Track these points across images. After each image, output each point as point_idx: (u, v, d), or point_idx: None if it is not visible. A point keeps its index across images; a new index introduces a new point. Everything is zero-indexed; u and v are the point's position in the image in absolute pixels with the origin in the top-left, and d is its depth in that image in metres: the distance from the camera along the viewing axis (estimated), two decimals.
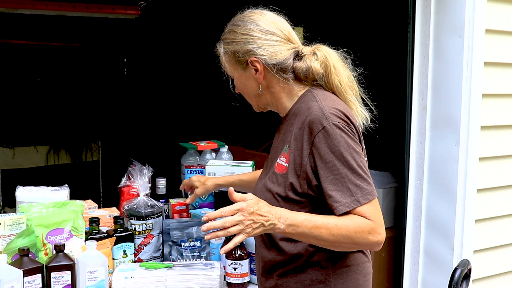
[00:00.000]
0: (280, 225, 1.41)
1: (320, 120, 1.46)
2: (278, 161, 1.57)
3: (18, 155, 5.22)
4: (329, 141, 1.44)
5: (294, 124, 1.55)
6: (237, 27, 1.60)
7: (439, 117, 2.53)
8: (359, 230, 1.42)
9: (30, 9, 4.50)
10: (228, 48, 1.61)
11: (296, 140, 1.52)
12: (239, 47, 1.58)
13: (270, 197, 1.54)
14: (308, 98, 1.57)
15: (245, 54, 1.58)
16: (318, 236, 1.43)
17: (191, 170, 2.42)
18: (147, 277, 1.87)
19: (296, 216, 1.43)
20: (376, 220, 1.43)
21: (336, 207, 1.43)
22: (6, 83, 5.26)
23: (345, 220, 1.42)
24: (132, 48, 5.78)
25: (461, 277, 1.64)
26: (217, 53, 1.67)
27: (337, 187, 1.44)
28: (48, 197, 2.07)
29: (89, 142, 5.65)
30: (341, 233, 1.42)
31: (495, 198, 2.66)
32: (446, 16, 2.46)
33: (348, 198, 1.43)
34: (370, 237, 1.43)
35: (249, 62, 1.58)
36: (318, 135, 1.46)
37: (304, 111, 1.53)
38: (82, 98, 5.65)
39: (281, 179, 1.54)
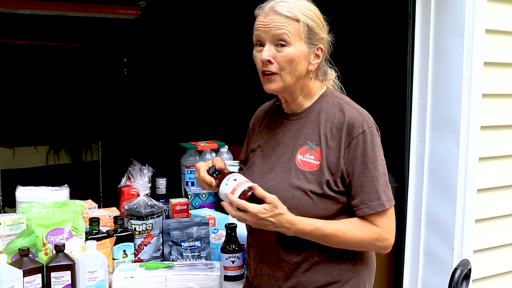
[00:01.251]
0: (288, 232, 1.52)
1: (361, 123, 1.55)
2: (301, 158, 1.58)
3: (18, 155, 5.22)
4: (366, 145, 1.53)
5: (321, 123, 1.59)
6: (317, 12, 1.60)
7: (439, 117, 2.53)
8: (366, 238, 1.54)
9: (30, 9, 4.50)
10: (309, 22, 1.56)
11: (329, 139, 1.57)
12: (319, 30, 1.58)
13: (300, 194, 1.55)
14: (333, 100, 1.62)
15: (319, 39, 1.59)
16: (326, 243, 1.55)
17: (191, 170, 2.42)
18: (147, 277, 1.87)
19: (307, 227, 1.51)
20: (385, 227, 1.55)
21: (362, 208, 1.54)
22: (6, 83, 5.26)
23: (353, 229, 1.54)
24: (132, 48, 5.78)
25: (461, 277, 1.64)
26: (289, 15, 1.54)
27: (366, 189, 1.53)
28: (48, 197, 2.07)
29: (89, 142, 5.65)
30: (348, 240, 1.54)
31: (495, 198, 2.66)
32: (446, 16, 2.46)
33: (375, 202, 1.53)
34: (377, 243, 1.56)
35: (316, 48, 1.58)
36: (357, 138, 1.53)
37: (334, 112, 1.59)
38: (82, 98, 5.65)
39: (311, 177, 1.55)
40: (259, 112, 1.83)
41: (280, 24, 1.54)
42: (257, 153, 1.72)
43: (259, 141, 1.73)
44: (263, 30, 1.56)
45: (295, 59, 1.55)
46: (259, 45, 1.59)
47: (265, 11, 1.57)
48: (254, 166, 1.69)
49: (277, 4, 1.56)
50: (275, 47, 1.55)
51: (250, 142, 1.80)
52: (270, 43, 1.56)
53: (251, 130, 1.83)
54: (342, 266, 1.60)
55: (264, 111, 1.80)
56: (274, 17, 1.54)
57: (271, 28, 1.54)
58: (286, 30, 1.54)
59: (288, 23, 1.54)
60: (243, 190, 1.53)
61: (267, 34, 1.55)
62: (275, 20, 1.54)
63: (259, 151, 1.71)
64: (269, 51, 1.55)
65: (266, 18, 1.56)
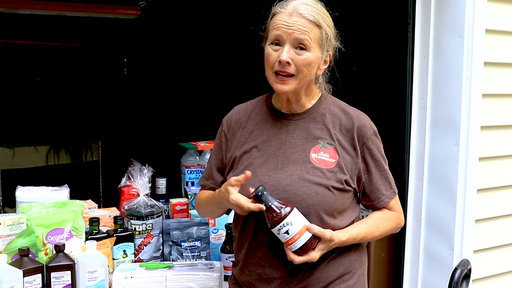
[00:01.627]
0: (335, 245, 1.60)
1: (370, 124, 1.68)
2: (316, 156, 1.62)
3: (18, 155, 5.22)
4: (377, 144, 1.68)
5: (328, 124, 1.66)
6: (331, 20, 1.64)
7: (439, 117, 2.53)
8: (394, 225, 1.73)
9: (30, 9, 4.50)
10: (328, 30, 1.61)
11: (341, 139, 1.64)
12: (332, 38, 1.64)
13: (323, 190, 1.59)
14: (333, 102, 1.71)
15: (331, 46, 1.65)
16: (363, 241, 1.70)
17: (191, 170, 2.42)
18: (147, 277, 1.87)
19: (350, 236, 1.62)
20: (399, 210, 1.76)
21: (383, 199, 1.70)
22: (6, 83, 5.26)
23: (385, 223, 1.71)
24: (132, 48, 5.78)
25: (461, 277, 1.64)
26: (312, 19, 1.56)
27: (383, 181, 1.69)
28: (48, 197, 2.07)
29: (89, 142, 5.65)
30: (380, 235, 1.71)
31: (495, 198, 2.66)
32: (446, 16, 2.46)
33: (389, 190, 1.71)
34: (398, 225, 1.76)
35: (329, 54, 1.65)
36: (370, 138, 1.66)
37: (338, 114, 1.68)
38: (82, 98, 5.65)
39: (330, 174, 1.61)
40: (238, 115, 1.77)
41: (304, 28, 1.55)
42: (253, 154, 1.67)
43: (252, 142, 1.69)
44: (285, 31, 1.55)
45: (312, 63, 1.59)
46: (275, 44, 1.58)
47: (288, 10, 1.57)
48: (253, 166, 1.65)
49: (301, 6, 1.57)
50: (294, 49, 1.56)
51: (230, 147, 1.74)
52: (290, 44, 1.56)
53: (228, 135, 1.76)
54: (352, 257, 1.69)
55: (245, 113, 1.76)
56: (298, 19, 1.55)
57: (295, 30, 1.54)
58: (308, 36, 1.55)
59: (311, 28, 1.56)
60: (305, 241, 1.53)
61: (289, 35, 1.55)
62: (299, 23, 1.55)
63: (256, 151, 1.67)
64: (289, 52, 1.56)
65: (290, 18, 1.55)
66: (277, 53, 1.57)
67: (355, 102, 1.75)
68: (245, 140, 1.71)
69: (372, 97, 4.45)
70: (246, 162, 1.67)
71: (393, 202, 1.73)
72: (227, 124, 1.78)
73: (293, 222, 1.50)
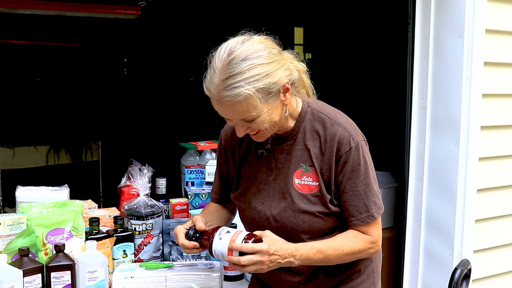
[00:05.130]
0: (295, 261, 1.51)
1: (348, 140, 1.54)
2: (299, 182, 1.57)
3: (18, 155, 5.22)
4: (354, 161, 1.54)
5: (308, 144, 1.57)
6: (259, 59, 1.43)
7: (439, 117, 2.53)
8: (362, 249, 1.58)
9: (30, 9, 4.49)
10: (260, 84, 1.42)
11: (320, 159, 1.56)
12: (273, 78, 1.44)
13: (309, 218, 1.57)
14: (313, 115, 1.58)
15: (280, 81, 1.46)
16: (328, 262, 1.57)
17: (191, 170, 2.42)
18: (147, 277, 1.87)
19: (309, 250, 1.52)
20: (376, 234, 1.59)
21: (352, 220, 1.57)
22: (6, 83, 5.26)
23: (350, 243, 1.56)
24: (132, 48, 5.78)
25: (461, 277, 1.64)
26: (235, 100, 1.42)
27: (354, 202, 1.56)
28: (48, 197, 2.07)
29: (89, 142, 5.64)
30: (346, 255, 1.57)
31: (495, 198, 2.66)
32: (446, 16, 2.46)
33: (364, 214, 1.56)
34: (370, 250, 1.61)
35: (282, 89, 1.48)
36: (346, 155, 1.54)
37: (318, 130, 1.56)
38: (82, 98, 5.65)
39: (314, 198, 1.57)
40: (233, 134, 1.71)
41: (238, 111, 1.44)
42: (246, 179, 1.67)
43: (246, 166, 1.68)
44: (225, 117, 1.51)
45: (268, 119, 1.48)
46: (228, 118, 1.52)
47: (215, 98, 1.45)
48: (249, 194, 1.66)
49: (222, 93, 1.42)
50: (245, 122, 1.49)
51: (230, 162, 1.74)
52: (238, 121, 1.49)
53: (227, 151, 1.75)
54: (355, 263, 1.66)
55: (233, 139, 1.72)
56: (227, 107, 1.44)
57: (232, 115, 1.47)
58: (246, 113, 1.44)
59: (244, 105, 1.42)
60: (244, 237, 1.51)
61: (231, 120, 1.50)
62: (230, 110, 1.45)
63: (248, 177, 1.67)
64: (241, 128, 1.51)
65: (221, 106, 1.45)
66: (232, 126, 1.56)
67: (355, 102, 1.74)
68: (240, 162, 1.70)
69: (372, 97, 4.45)
70: (242, 186, 1.68)
71: (368, 228, 1.58)
72: (224, 139, 1.77)
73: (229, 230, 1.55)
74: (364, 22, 4.42)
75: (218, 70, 1.44)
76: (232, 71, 1.41)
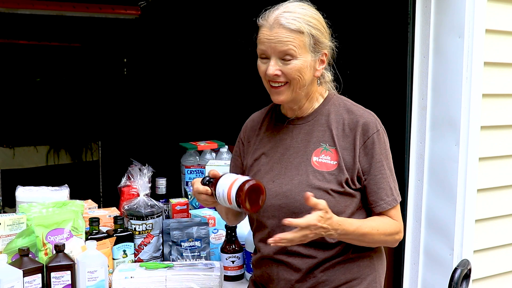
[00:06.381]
0: (335, 234, 1.52)
1: (375, 123, 1.61)
2: (317, 160, 1.60)
3: (18, 155, 5.21)
4: (380, 143, 1.60)
5: (332, 124, 1.62)
6: (320, 18, 1.61)
7: (439, 117, 2.53)
8: (392, 232, 1.61)
9: (30, 9, 4.50)
10: (314, 32, 1.57)
11: (342, 140, 1.60)
12: (324, 38, 1.60)
13: (322, 194, 1.56)
14: (338, 101, 1.67)
15: (324, 46, 1.60)
16: (362, 241, 1.59)
17: (191, 170, 2.42)
18: (147, 277, 1.87)
19: (349, 226, 1.53)
20: (400, 221, 1.64)
21: (381, 204, 1.60)
22: (6, 83, 5.26)
23: (385, 226, 1.59)
24: (132, 48, 5.78)
25: (461, 277, 1.64)
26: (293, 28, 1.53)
27: (383, 185, 1.60)
28: (48, 197, 2.07)
29: (89, 142, 5.64)
30: (380, 237, 1.59)
31: (495, 198, 2.66)
32: (446, 16, 2.46)
33: (390, 197, 1.61)
34: (396, 236, 1.63)
35: (322, 54, 1.60)
36: (372, 137, 1.59)
37: (342, 113, 1.63)
38: (82, 98, 5.64)
39: (330, 177, 1.58)
40: (252, 123, 1.80)
41: (286, 39, 1.53)
42: (261, 161, 1.70)
43: (262, 149, 1.72)
44: (268, 45, 1.55)
45: (302, 70, 1.57)
46: (263, 57, 1.59)
47: (269, 22, 1.56)
48: (261, 173, 1.68)
49: (281, 16, 1.54)
50: (281, 60, 1.56)
51: (247, 154, 1.77)
52: (276, 57, 1.56)
53: (245, 142, 1.79)
54: (361, 263, 1.64)
55: (258, 121, 1.78)
56: (279, 30, 1.53)
57: (276, 43, 1.54)
58: (292, 45, 1.53)
59: (294, 37, 1.53)
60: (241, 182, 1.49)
61: (272, 49, 1.55)
62: (280, 34, 1.53)
63: (264, 158, 1.70)
64: (275, 65, 1.56)
65: (272, 31, 1.54)
66: (266, 66, 1.58)
67: (355, 102, 1.74)
68: (257, 147, 1.74)
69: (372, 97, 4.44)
70: (255, 169, 1.70)
71: (394, 211, 1.63)
72: (243, 131, 1.82)
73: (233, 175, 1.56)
74: (364, 22, 4.42)
75: (284, 6, 1.58)
76: (299, 11, 1.56)
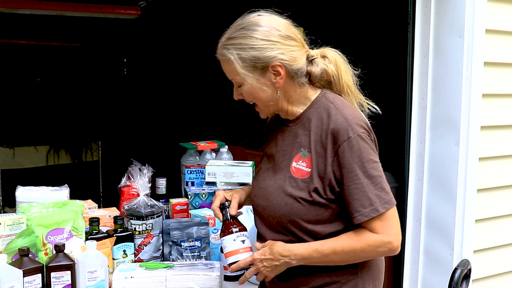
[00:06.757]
0: (292, 261, 1.54)
1: (346, 130, 1.51)
2: (295, 165, 1.58)
3: (18, 155, 5.21)
4: (353, 152, 1.49)
5: (312, 129, 1.57)
6: (254, 32, 1.54)
7: (439, 117, 2.53)
8: (366, 249, 1.51)
9: (30, 9, 4.49)
10: (244, 54, 1.53)
11: (318, 146, 1.55)
12: (259, 53, 1.53)
13: (291, 202, 1.55)
14: (323, 104, 1.59)
15: (267, 60, 1.54)
16: (330, 262, 1.54)
17: (191, 170, 2.42)
18: (147, 277, 1.87)
19: (304, 251, 1.53)
20: (386, 232, 1.50)
21: (356, 216, 1.50)
22: (6, 83, 5.26)
23: (351, 242, 1.51)
24: (132, 48, 5.78)
25: (461, 277, 1.64)
26: (221, 58, 1.58)
27: (358, 196, 1.49)
28: (48, 197, 2.07)
29: (89, 142, 5.64)
30: (349, 255, 1.52)
31: (495, 198, 2.66)
32: (446, 16, 2.46)
33: (368, 208, 1.48)
34: (380, 249, 1.51)
35: (270, 67, 1.54)
36: (343, 145, 1.50)
37: (323, 117, 1.56)
38: (82, 98, 5.65)
39: (303, 184, 1.55)
40: (270, 118, 1.83)
41: (225, 69, 1.59)
42: (263, 160, 1.75)
43: (266, 148, 1.77)
44: None
45: (253, 91, 1.58)
46: None
47: None
48: (260, 171, 1.73)
49: (218, 50, 1.60)
50: (237, 86, 1.62)
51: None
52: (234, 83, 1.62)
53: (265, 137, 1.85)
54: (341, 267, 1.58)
55: (271, 120, 1.82)
56: (222, 66, 1.60)
57: (227, 75, 1.62)
58: (231, 74, 1.59)
59: (227, 66, 1.58)
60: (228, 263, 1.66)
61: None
62: (224, 68, 1.60)
63: (265, 157, 1.74)
64: (235, 91, 1.63)
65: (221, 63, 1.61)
66: None
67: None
68: (266, 145, 1.79)
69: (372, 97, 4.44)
70: (260, 166, 1.76)
71: (376, 223, 1.49)
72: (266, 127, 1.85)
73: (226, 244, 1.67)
74: (364, 22, 4.42)
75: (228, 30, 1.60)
76: (230, 35, 1.57)
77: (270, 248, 1.56)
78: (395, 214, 1.53)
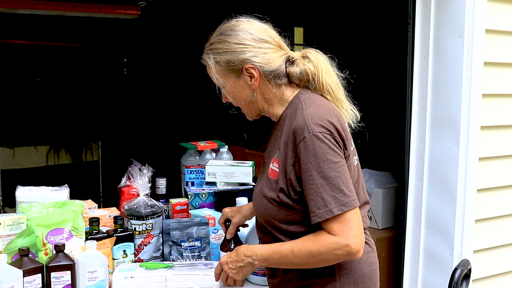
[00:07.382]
0: (255, 262, 1.58)
1: (303, 130, 1.48)
2: (271, 166, 1.60)
3: (18, 155, 5.22)
4: (308, 152, 1.47)
5: (283, 130, 1.57)
6: (228, 37, 1.59)
7: (439, 117, 2.53)
8: (323, 250, 1.46)
9: (30, 9, 4.50)
10: (220, 58, 1.60)
11: (283, 147, 1.55)
12: (233, 57, 1.58)
13: (266, 202, 1.57)
14: (295, 104, 1.59)
15: (240, 63, 1.58)
16: (290, 263, 1.53)
17: (191, 170, 2.42)
18: (147, 277, 1.87)
19: (265, 251, 1.56)
20: (343, 234, 1.44)
21: (311, 217, 1.47)
22: (6, 83, 5.26)
23: (308, 244, 1.49)
24: (132, 48, 5.78)
25: (461, 277, 1.64)
26: (204, 63, 1.66)
27: (312, 197, 1.46)
28: (48, 197, 2.07)
29: (89, 142, 5.65)
30: (307, 256, 1.49)
31: (495, 198, 2.66)
32: (446, 16, 2.46)
33: (322, 209, 1.45)
34: (337, 252, 1.45)
35: (243, 70, 1.58)
36: (299, 145, 1.48)
37: (292, 118, 1.55)
38: (82, 98, 5.65)
39: (274, 185, 1.56)
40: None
41: (209, 74, 1.66)
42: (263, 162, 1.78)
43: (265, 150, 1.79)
44: None
45: (234, 91, 1.64)
46: None
47: None
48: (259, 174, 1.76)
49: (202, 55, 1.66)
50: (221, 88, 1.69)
51: None
52: None
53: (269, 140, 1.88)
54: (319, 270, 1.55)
55: None
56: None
57: None
58: (212, 77, 1.66)
59: (209, 70, 1.65)
60: None
61: None
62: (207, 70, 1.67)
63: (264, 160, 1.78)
64: (222, 95, 1.70)
65: None
66: None
67: (355, 102, 1.73)
68: None
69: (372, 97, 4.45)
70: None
71: (332, 225, 1.45)
72: None
73: None
74: (364, 22, 4.42)
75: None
76: (211, 40, 1.64)
77: (237, 250, 1.62)
78: (355, 217, 1.47)
